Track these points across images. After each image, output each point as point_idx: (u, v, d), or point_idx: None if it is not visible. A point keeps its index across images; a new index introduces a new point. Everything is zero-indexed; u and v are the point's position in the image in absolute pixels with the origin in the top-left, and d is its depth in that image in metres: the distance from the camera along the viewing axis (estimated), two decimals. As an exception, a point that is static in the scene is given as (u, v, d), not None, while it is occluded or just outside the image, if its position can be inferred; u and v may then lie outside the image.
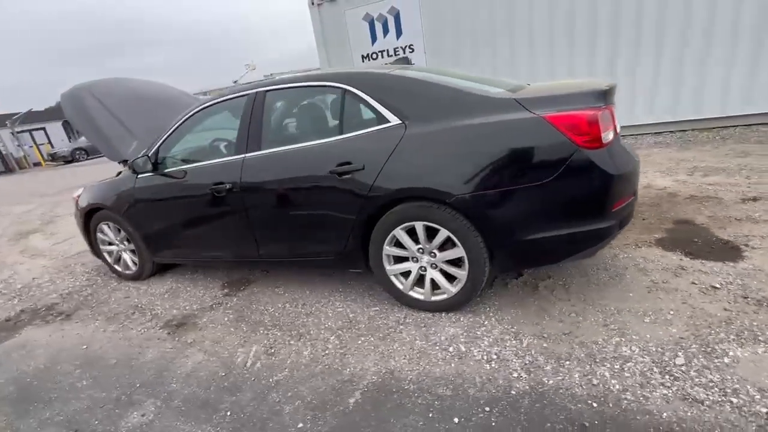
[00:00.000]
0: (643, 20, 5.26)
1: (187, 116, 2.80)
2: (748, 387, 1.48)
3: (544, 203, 1.87)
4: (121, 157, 3.20)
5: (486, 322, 2.11)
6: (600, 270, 2.43)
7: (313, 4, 6.79)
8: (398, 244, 2.21)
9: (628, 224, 2.10)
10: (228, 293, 2.95)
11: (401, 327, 2.19)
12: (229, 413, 1.77)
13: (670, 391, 1.52)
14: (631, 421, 1.43)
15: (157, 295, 3.10)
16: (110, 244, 3.40)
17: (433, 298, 2.23)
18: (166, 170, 2.83)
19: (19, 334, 2.84)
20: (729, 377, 1.54)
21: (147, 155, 2.82)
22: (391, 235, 2.17)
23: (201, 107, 2.76)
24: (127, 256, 3.36)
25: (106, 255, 3.46)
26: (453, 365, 1.85)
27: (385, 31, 6.55)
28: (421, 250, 2.17)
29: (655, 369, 1.63)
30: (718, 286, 2.11)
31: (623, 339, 1.83)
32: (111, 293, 3.27)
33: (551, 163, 1.82)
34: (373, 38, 6.65)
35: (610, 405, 1.51)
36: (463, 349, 1.94)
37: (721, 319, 1.86)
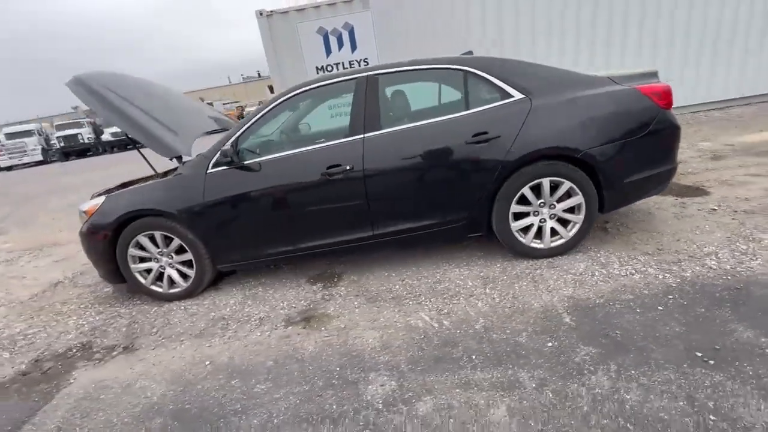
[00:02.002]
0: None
1: (274, 104, 2.67)
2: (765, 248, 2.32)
3: (640, 152, 2.51)
4: (175, 153, 2.77)
5: (600, 257, 2.62)
6: (631, 215, 3.21)
7: (261, 14, 6.64)
8: (522, 202, 2.58)
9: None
10: (326, 285, 2.83)
11: (538, 272, 2.55)
12: (474, 356, 1.86)
13: (756, 260, 2.26)
14: (752, 277, 2.10)
15: (235, 304, 2.75)
16: (144, 260, 2.84)
17: (552, 245, 2.66)
18: (258, 160, 2.62)
19: (72, 379, 2.20)
20: (765, 246, 2.37)
21: (233, 146, 2.57)
22: (519, 193, 2.54)
23: (290, 95, 2.67)
24: (172, 272, 2.87)
25: (138, 275, 2.87)
26: (610, 283, 2.30)
27: (340, 44, 6.82)
28: (542, 204, 2.58)
29: (735, 252, 2.38)
30: (715, 208, 3.08)
31: (698, 244, 2.57)
32: (161, 316, 2.74)
33: (644, 121, 2.47)
34: (328, 51, 6.84)
35: (734, 275, 2.16)
36: (605, 272, 2.41)
37: (733, 225, 2.77)
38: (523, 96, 2.50)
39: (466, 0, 6.68)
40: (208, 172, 2.68)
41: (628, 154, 2.50)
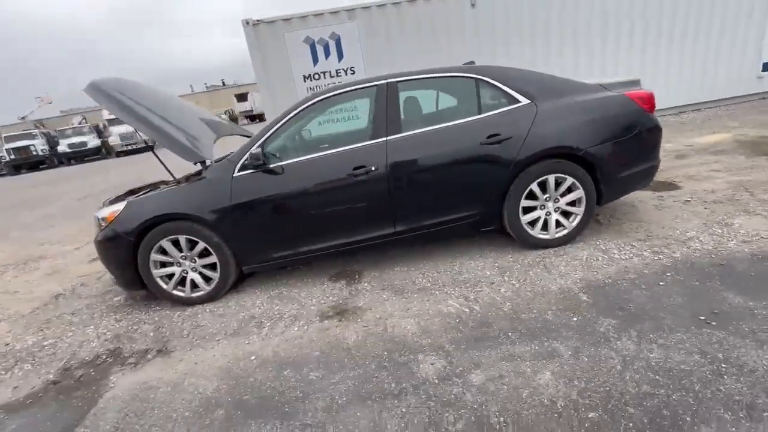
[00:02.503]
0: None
1: (297, 110, 2.80)
2: (746, 230, 2.71)
3: (630, 150, 2.84)
4: (201, 158, 2.81)
5: (599, 244, 2.92)
6: (619, 208, 3.56)
7: (248, 23, 6.69)
8: (530, 197, 2.84)
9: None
10: (349, 282, 2.95)
11: (547, 260, 2.81)
12: (509, 334, 2.06)
13: (732, 241, 2.62)
14: (731, 255, 2.45)
15: (261, 304, 2.82)
16: (165, 265, 2.85)
17: (557, 235, 2.93)
18: (284, 163, 2.73)
19: (111, 383, 2.20)
20: (736, 230, 2.75)
21: (261, 150, 2.66)
22: (528, 189, 2.80)
23: (312, 101, 2.81)
24: (195, 275, 2.89)
25: (159, 281, 2.87)
26: (613, 266, 2.59)
27: (327, 53, 6.97)
28: (547, 198, 2.86)
29: (713, 236, 2.74)
30: (689, 199, 3.49)
31: (680, 230, 2.92)
32: (187, 320, 2.76)
33: (633, 123, 2.81)
34: (315, 60, 6.97)
35: (717, 254, 2.51)
36: (607, 257, 2.70)
37: (706, 213, 3.16)
38: (529, 101, 2.78)
39: (446, 16, 7.05)
40: (234, 175, 2.76)
41: (620, 152, 2.82)
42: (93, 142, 23.41)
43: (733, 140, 5.30)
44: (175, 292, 2.91)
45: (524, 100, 2.78)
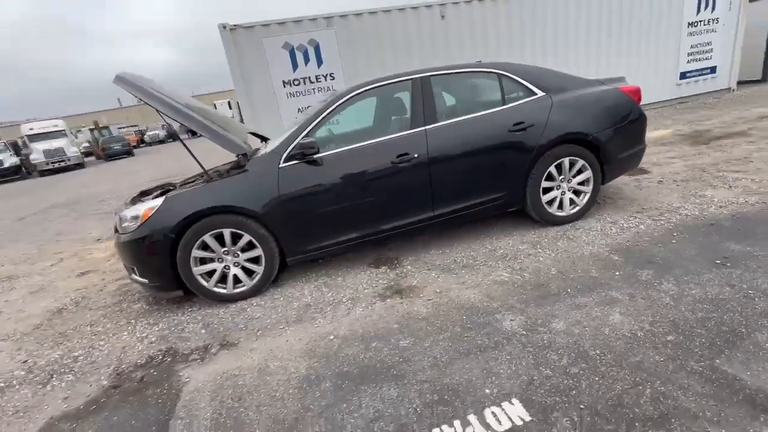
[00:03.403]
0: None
1: (339, 102, 2.91)
2: (717, 198, 3.28)
3: (626, 134, 3.31)
4: (243, 150, 2.79)
5: (607, 218, 3.33)
6: (607, 190, 4.07)
7: (225, 28, 6.56)
8: (548, 178, 3.19)
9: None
10: (391, 267, 3.07)
11: (568, 233, 3.15)
12: (568, 290, 2.33)
13: (711, 208, 3.16)
14: (715, 217, 2.96)
15: (310, 294, 2.84)
16: (205, 261, 2.78)
17: (571, 212, 3.30)
18: (330, 152, 2.81)
19: (185, 378, 2.12)
20: (710, 199, 3.32)
21: (313, 139, 2.73)
22: (547, 171, 3.14)
23: (354, 93, 2.94)
24: (237, 270, 2.84)
25: (200, 278, 2.77)
26: (627, 233, 2.99)
27: (306, 59, 7.02)
28: (562, 179, 3.22)
29: (694, 205, 3.27)
30: (661, 180, 4.08)
31: (666, 202, 3.44)
32: (237, 315, 2.70)
33: (627, 112, 3.28)
34: (294, 65, 6.99)
35: (703, 218, 3.01)
36: (619, 227, 3.11)
37: (680, 189, 3.74)
38: (544, 93, 3.14)
39: (418, 26, 7.47)
40: (281, 166, 2.78)
41: (618, 137, 3.27)
42: (10, 160, 20.81)
43: (673, 135, 6.21)
44: (216, 289, 2.83)
45: (540, 93, 3.14)
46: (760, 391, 1.46)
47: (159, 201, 2.72)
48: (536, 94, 3.14)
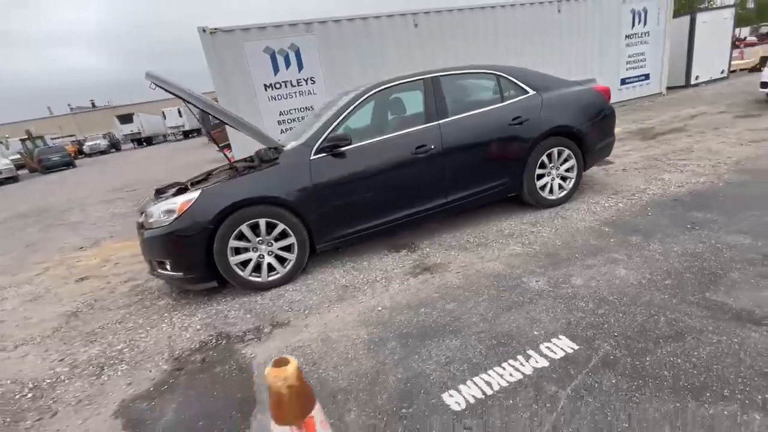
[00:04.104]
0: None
1: (362, 98, 3.17)
2: (674, 181, 3.92)
3: (601, 127, 3.85)
4: (275, 143, 2.93)
5: (589, 200, 3.84)
6: (582, 179, 4.63)
7: (204, 31, 6.52)
8: (541, 166, 3.64)
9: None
10: (410, 250, 3.34)
11: (560, 213, 3.61)
12: (576, 255, 2.73)
13: (671, 188, 3.77)
14: (676, 195, 3.55)
15: (342, 277, 3.04)
16: (239, 251, 2.89)
17: (560, 196, 3.78)
18: (356, 145, 3.04)
19: (248, 355, 2.25)
20: (668, 181, 3.95)
21: (345, 133, 2.95)
22: (539, 159, 3.59)
23: (374, 91, 3.21)
24: (271, 259, 2.98)
25: (236, 268, 2.88)
26: (610, 211, 3.49)
27: (287, 63, 7.13)
28: (552, 167, 3.69)
29: (657, 187, 3.87)
30: (625, 169, 4.72)
31: (634, 185, 4.02)
32: (277, 299, 2.85)
33: (600, 108, 3.82)
34: (276, 69, 7.08)
35: (667, 196, 3.59)
36: (600, 206, 3.62)
37: (642, 175, 4.38)
38: (535, 92, 3.60)
39: (393, 33, 7.86)
40: (312, 158, 2.97)
41: (595, 129, 3.80)
42: None
43: (623, 132, 7.06)
44: (251, 278, 2.95)
45: (531, 91, 3.59)
46: (743, 310, 1.91)
47: (195, 194, 2.80)
48: (528, 92, 3.59)
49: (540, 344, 1.92)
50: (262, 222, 2.88)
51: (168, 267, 2.90)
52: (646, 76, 10.73)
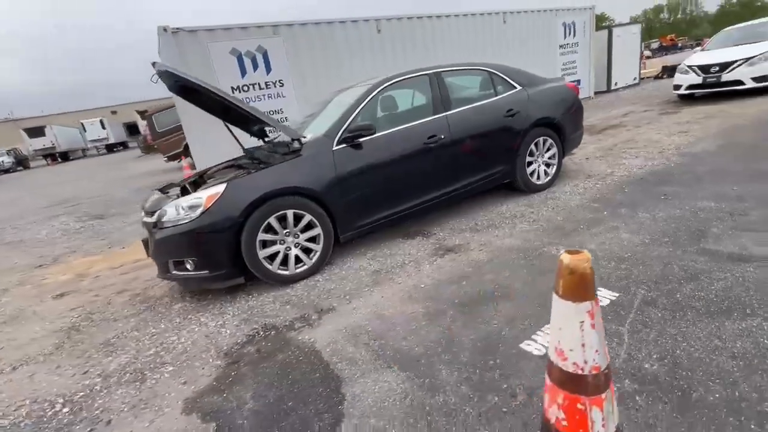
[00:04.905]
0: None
1: (375, 91, 3.30)
2: (634, 165, 4.55)
3: (573, 119, 4.34)
4: (298, 135, 2.93)
5: (570, 183, 4.29)
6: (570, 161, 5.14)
7: (166, 31, 6.17)
8: (530, 154, 4.02)
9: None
10: (424, 236, 3.51)
11: (549, 196, 4.01)
12: (581, 227, 3.09)
13: (634, 170, 4.36)
14: (640, 175, 4.12)
15: (369, 265, 3.12)
16: (266, 245, 2.85)
17: (545, 180, 4.19)
18: (373, 136, 3.14)
19: (308, 339, 2.25)
20: (628, 166, 4.57)
21: (369, 123, 3.05)
22: (528, 148, 3.97)
23: (385, 84, 3.36)
24: (297, 251, 2.97)
25: (264, 262, 2.83)
26: (592, 191, 3.95)
27: (255, 66, 6.97)
28: (538, 155, 4.09)
29: (621, 169, 4.45)
30: (587, 157, 5.32)
31: (602, 170, 4.57)
32: (311, 290, 2.84)
33: (572, 101, 4.32)
34: (243, 72, 6.88)
35: (633, 176, 4.15)
36: (581, 188, 4.07)
37: (605, 162, 4.98)
38: (521, 87, 3.98)
39: (358, 37, 8.05)
40: (334, 149, 3.02)
41: (569, 121, 4.28)
42: None
43: (571, 129, 7.89)
44: (279, 271, 2.91)
45: (518, 87, 3.97)
46: (733, 254, 2.34)
47: (221, 187, 2.72)
48: (516, 87, 3.96)
49: (585, 296, 2.18)
50: (289, 213, 2.87)
51: (190, 266, 2.77)
52: (578, 82, 12.03)
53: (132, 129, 39.58)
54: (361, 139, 3.13)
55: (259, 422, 1.72)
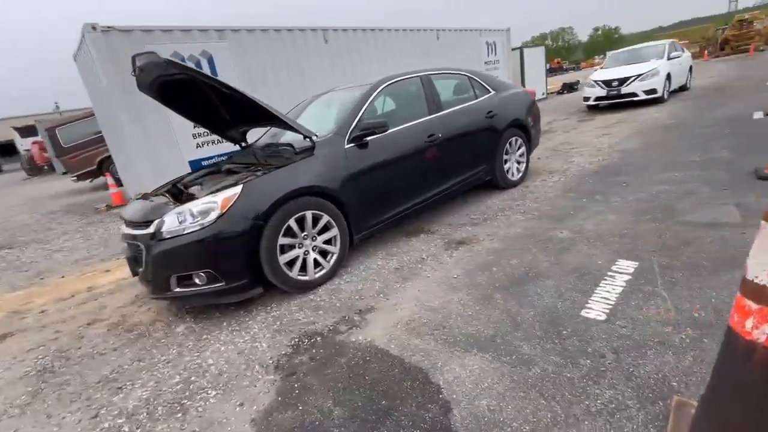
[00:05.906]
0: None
1: (376, 91, 3.32)
2: (583, 160, 5.20)
3: (534, 120, 4.81)
4: (312, 133, 2.77)
5: (541, 178, 4.72)
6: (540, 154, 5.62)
7: (95, 29, 5.42)
8: (507, 152, 4.36)
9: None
10: (427, 234, 3.57)
11: (526, 190, 4.36)
12: (571, 212, 3.42)
13: (589, 164, 4.97)
14: (597, 166, 4.72)
15: (386, 263, 3.08)
16: (284, 250, 2.67)
17: (518, 177, 4.56)
18: (381, 135, 3.13)
19: (366, 339, 2.15)
20: (579, 162, 5.20)
21: (382, 120, 3.04)
22: (504, 147, 4.30)
23: (384, 85, 3.40)
24: (315, 255, 2.82)
25: (284, 267, 2.63)
26: (564, 178, 4.40)
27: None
28: (511, 153, 4.45)
29: (575, 164, 5.04)
30: (539, 157, 5.91)
31: (558, 165, 5.13)
32: (338, 293, 2.71)
33: (532, 105, 4.80)
34: (187, 77, 6.32)
35: (589, 168, 4.73)
36: (551, 180, 4.51)
37: (560, 158, 5.59)
38: (494, 92, 4.31)
39: (305, 46, 7.95)
40: (346, 147, 2.95)
41: (531, 120, 4.74)
42: None
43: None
44: (299, 277, 2.73)
45: (492, 91, 4.30)
46: (708, 222, 2.81)
47: (237, 188, 2.48)
48: (491, 91, 4.28)
49: (611, 267, 2.43)
50: (308, 215, 2.72)
51: (200, 280, 2.46)
52: (501, 95, 13.29)
53: (5, 149, 33.38)
54: (370, 138, 3.11)
55: (358, 427, 1.59)
